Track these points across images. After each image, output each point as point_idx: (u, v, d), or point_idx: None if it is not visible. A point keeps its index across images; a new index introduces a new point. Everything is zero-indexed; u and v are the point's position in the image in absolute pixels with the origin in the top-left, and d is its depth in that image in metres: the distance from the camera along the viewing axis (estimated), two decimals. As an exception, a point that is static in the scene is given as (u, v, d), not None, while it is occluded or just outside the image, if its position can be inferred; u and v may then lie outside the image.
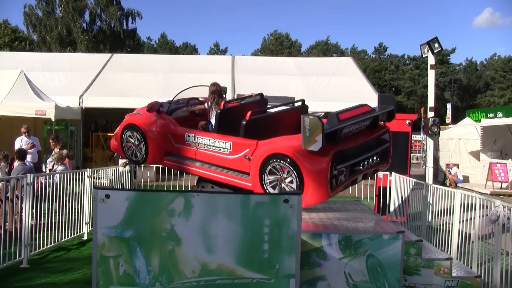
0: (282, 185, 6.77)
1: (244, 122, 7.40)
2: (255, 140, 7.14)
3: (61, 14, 50.08)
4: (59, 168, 12.46)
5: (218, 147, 7.58)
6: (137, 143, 8.54)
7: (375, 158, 7.49)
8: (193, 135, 7.94)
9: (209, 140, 7.71)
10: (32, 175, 9.42)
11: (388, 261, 5.34)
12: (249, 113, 7.54)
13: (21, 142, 14.80)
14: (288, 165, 6.60)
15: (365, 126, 7.57)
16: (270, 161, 6.78)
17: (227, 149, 7.46)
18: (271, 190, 6.83)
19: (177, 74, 25.89)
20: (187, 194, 4.47)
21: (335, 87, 24.86)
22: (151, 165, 12.34)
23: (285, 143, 6.82)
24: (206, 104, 8.69)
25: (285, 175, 6.69)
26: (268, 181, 6.88)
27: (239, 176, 7.38)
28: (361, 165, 7.14)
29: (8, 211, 9.49)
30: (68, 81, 24.77)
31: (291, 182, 6.65)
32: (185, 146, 8.09)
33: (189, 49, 78.86)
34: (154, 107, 8.46)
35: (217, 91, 8.64)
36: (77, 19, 50.02)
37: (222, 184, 7.75)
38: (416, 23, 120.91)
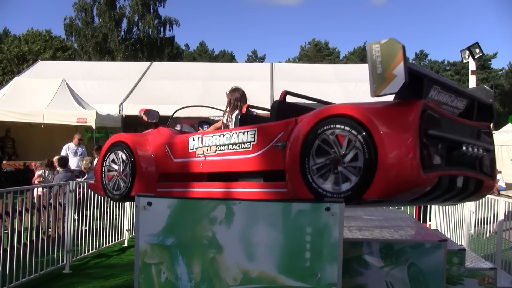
0: (339, 169, 4.48)
1: (277, 104, 5.50)
2: (292, 118, 5.02)
3: (99, 24, 50.93)
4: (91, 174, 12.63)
5: (236, 144, 5.38)
6: (121, 167, 6.33)
7: (481, 150, 4.94)
8: (199, 137, 5.78)
9: (223, 136, 5.53)
10: (74, 182, 9.59)
11: (430, 270, 5.25)
12: (283, 92, 5.70)
13: (68, 149, 15.11)
14: (350, 130, 4.39)
15: (458, 111, 5.23)
16: (319, 131, 4.55)
17: (250, 142, 5.24)
18: (321, 183, 4.58)
19: (215, 81, 26.06)
20: (228, 202, 4.47)
21: (374, 94, 24.70)
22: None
23: (342, 104, 4.80)
24: (224, 118, 6.53)
25: (344, 150, 4.44)
26: (315, 167, 4.59)
27: (266, 183, 5.28)
28: (463, 147, 4.62)
29: (51, 218, 9.65)
30: (109, 89, 25.15)
31: (354, 159, 4.40)
32: (188, 159, 5.88)
33: (227, 57, 79.35)
34: (152, 115, 6.95)
35: (242, 96, 6.66)
36: (114, 28, 50.75)
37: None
38: (456, 28, 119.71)
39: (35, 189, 10.12)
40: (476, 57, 14.61)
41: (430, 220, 12.66)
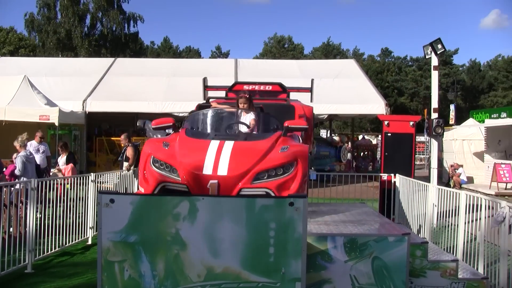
0: None
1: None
2: None
3: (62, 20, 50.18)
4: (21, 154, 12.08)
5: None
6: None
7: None
8: None
9: None
10: (36, 180, 9.43)
11: (394, 263, 5.31)
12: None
13: (30, 146, 14.88)
14: None
15: None
16: None
17: None
18: None
19: (180, 77, 25.93)
20: (192, 198, 4.45)
21: (338, 89, 24.84)
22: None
23: None
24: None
25: None
26: None
27: None
28: None
29: (12, 216, 9.48)
30: (72, 85, 24.80)
31: None
32: None
33: (193, 53, 79.06)
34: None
35: None
36: (78, 24, 50.06)
37: None
38: (419, 25, 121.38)
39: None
40: (438, 52, 14.72)
41: (393, 214, 12.79)
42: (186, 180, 6.47)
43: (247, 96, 7.86)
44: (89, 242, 11.23)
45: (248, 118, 7.81)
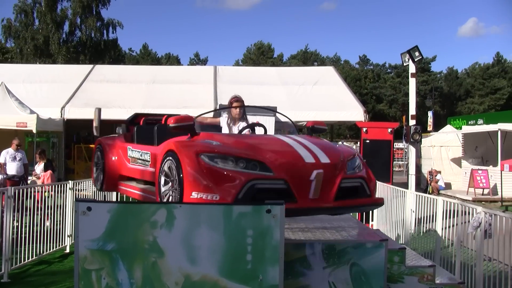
0: None
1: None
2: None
3: (40, 26, 49.82)
4: None
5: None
6: None
7: None
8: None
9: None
10: (13, 188, 9.35)
11: (372, 269, 5.32)
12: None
13: (6, 154, 14.77)
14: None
15: None
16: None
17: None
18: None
19: (159, 85, 25.84)
20: (169, 206, 4.44)
21: (317, 96, 24.92)
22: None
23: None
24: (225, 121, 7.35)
25: None
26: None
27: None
28: None
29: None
30: (50, 92, 24.61)
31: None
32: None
33: (172, 60, 79.02)
34: None
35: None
36: (55, 31, 49.68)
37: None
38: (397, 32, 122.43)
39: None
40: (415, 60, 14.88)
41: (372, 220, 12.86)
42: (283, 173, 5.37)
43: (242, 100, 7.41)
44: (67, 250, 11.15)
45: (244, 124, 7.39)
